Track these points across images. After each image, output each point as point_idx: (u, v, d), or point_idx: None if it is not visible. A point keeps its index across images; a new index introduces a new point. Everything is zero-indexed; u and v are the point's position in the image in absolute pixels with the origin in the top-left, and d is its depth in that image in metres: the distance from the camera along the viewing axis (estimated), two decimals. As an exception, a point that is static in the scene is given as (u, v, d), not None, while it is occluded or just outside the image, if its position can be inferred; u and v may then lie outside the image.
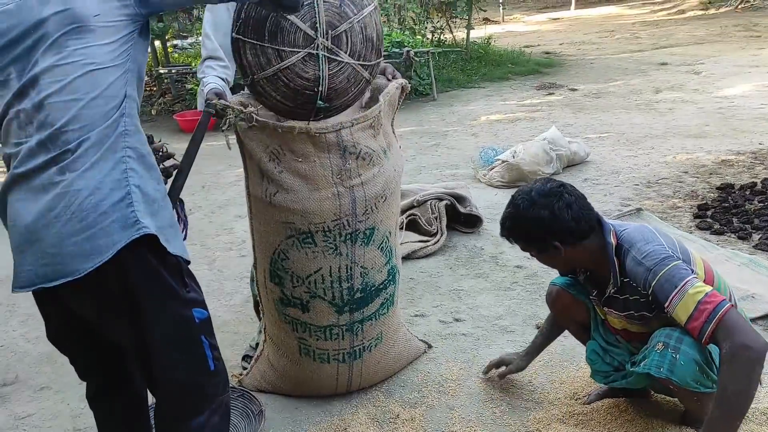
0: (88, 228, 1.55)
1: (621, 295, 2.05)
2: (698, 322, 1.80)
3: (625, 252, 1.99)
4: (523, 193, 2.05)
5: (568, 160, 5.24)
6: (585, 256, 2.04)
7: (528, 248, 2.11)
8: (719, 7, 16.57)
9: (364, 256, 2.36)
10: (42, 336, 3.28)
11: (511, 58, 11.00)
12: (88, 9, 1.59)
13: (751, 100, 7.14)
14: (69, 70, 1.58)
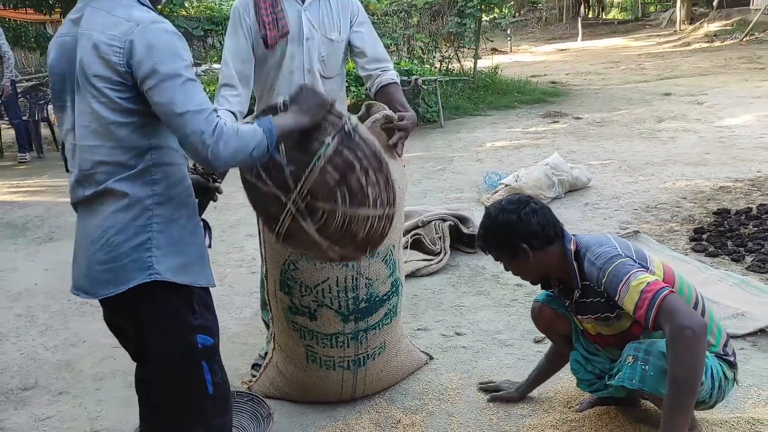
0: (111, 261, 1.72)
1: (586, 299, 2.21)
2: (642, 310, 1.93)
3: (582, 256, 2.16)
4: (494, 204, 2.29)
5: (570, 185, 5.40)
6: (552, 261, 2.20)
7: (500, 256, 2.27)
8: (724, 39, 16.85)
9: (369, 267, 2.50)
10: (60, 345, 3.46)
11: (517, 87, 11.23)
12: (92, 68, 1.66)
13: (751, 130, 7.30)
14: (89, 119, 1.70)
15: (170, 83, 1.60)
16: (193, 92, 1.62)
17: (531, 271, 2.28)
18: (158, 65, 1.60)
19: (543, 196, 5.12)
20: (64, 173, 6.04)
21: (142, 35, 1.61)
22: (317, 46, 2.66)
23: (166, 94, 1.60)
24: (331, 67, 2.73)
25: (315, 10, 2.65)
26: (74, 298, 3.98)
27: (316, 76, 2.68)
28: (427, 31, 10.84)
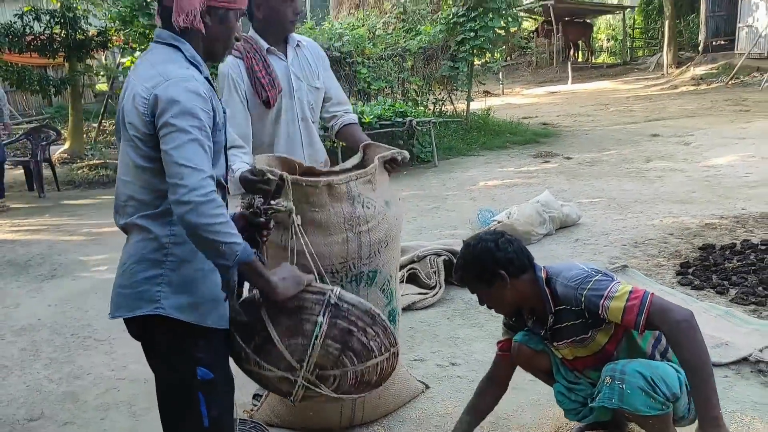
0: (126, 287, 1.85)
1: (561, 324, 2.32)
2: (631, 315, 2.10)
3: (554, 281, 2.29)
4: (472, 238, 2.43)
5: (561, 222, 5.56)
6: (526, 290, 2.32)
7: (479, 285, 2.34)
8: (710, 83, 17.26)
9: (368, 297, 2.61)
10: (65, 377, 3.55)
11: (509, 128, 11.48)
12: (128, 116, 1.79)
13: (736, 170, 7.50)
14: (125, 158, 1.84)
15: (179, 135, 1.69)
16: (199, 152, 1.69)
17: (507, 301, 2.36)
18: (173, 119, 1.70)
19: (535, 232, 5.28)
20: (64, 213, 6.20)
21: (165, 90, 1.72)
22: (305, 96, 2.88)
23: (173, 143, 1.69)
24: (316, 112, 2.96)
25: (297, 64, 2.88)
26: (78, 332, 4.13)
27: (309, 124, 2.91)
28: (421, 75, 11.12)
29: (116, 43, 10.54)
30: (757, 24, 17.95)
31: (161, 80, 1.74)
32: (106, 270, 5.36)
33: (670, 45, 20.37)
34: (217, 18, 1.83)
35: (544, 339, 2.43)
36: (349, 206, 2.50)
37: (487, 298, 2.37)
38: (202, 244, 1.70)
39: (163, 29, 1.85)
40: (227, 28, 1.87)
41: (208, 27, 1.83)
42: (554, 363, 2.53)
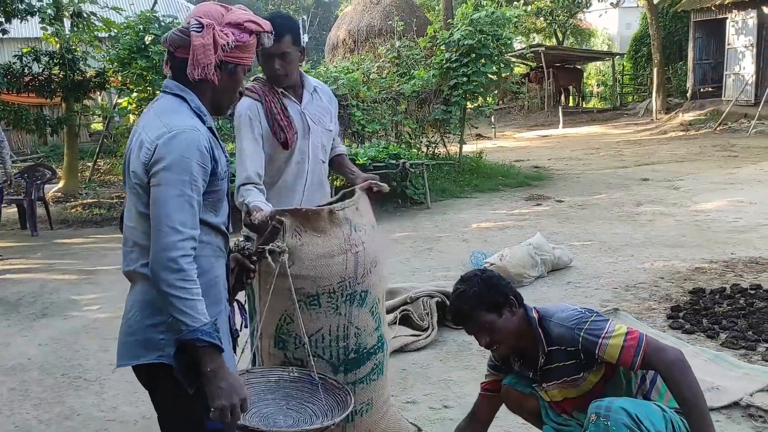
0: (130, 335, 1.85)
1: (552, 364, 2.34)
2: (628, 356, 2.17)
3: (547, 321, 2.32)
4: (465, 275, 2.43)
5: (553, 265, 5.60)
6: (522, 327, 2.34)
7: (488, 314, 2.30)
8: (699, 128, 17.54)
9: (359, 317, 2.68)
10: (54, 418, 3.53)
11: (501, 171, 11.59)
12: (132, 164, 1.83)
13: (725, 214, 7.60)
14: (129, 204, 1.87)
15: (166, 189, 1.72)
16: (183, 209, 1.72)
17: (512, 333, 2.34)
18: (164, 171, 1.73)
19: (527, 275, 5.31)
20: (57, 252, 6.21)
21: (167, 142, 1.76)
22: (319, 138, 2.99)
23: (159, 196, 1.73)
24: (327, 152, 3.08)
25: (312, 108, 2.98)
26: (68, 372, 4.10)
27: (319, 164, 3.03)
28: (414, 118, 11.27)
29: (114, 84, 10.67)
30: (744, 72, 18.35)
31: (165, 131, 1.78)
32: (98, 309, 5.34)
33: (659, 91, 20.75)
34: (227, 72, 1.89)
35: (533, 381, 2.44)
36: (348, 227, 2.65)
37: (492, 330, 2.32)
38: (167, 304, 1.72)
39: (172, 79, 1.90)
40: (235, 82, 1.93)
41: (218, 80, 1.88)
42: (543, 405, 2.54)
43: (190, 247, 1.73)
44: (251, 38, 1.90)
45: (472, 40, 10.43)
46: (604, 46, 38.94)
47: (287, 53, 2.81)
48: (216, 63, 1.84)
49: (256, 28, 1.89)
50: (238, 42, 1.86)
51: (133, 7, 10.86)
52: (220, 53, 1.83)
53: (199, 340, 1.70)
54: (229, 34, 1.85)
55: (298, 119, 2.93)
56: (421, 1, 30.61)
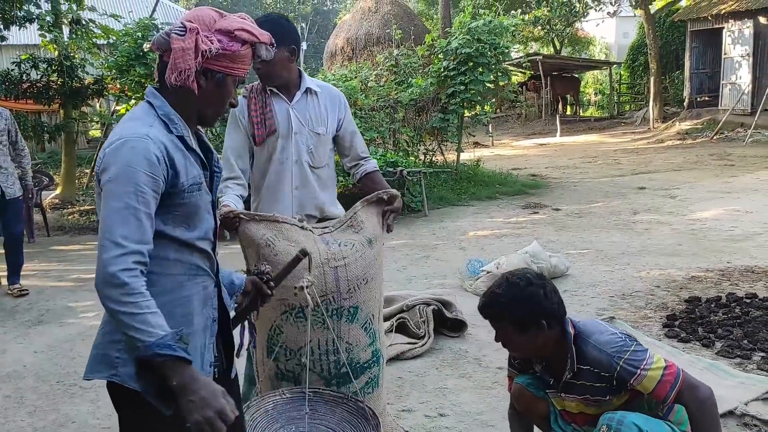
0: (93, 348, 1.77)
1: (577, 381, 2.32)
2: (663, 390, 2.18)
3: (584, 341, 2.28)
4: (517, 275, 2.31)
5: (549, 273, 5.60)
6: (552, 343, 2.30)
7: (511, 327, 2.26)
8: (695, 137, 17.61)
9: (349, 333, 2.67)
10: (49, 425, 3.51)
11: (499, 179, 11.62)
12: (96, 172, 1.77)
13: (722, 223, 7.62)
14: None
15: (110, 201, 1.63)
16: (128, 223, 1.62)
17: (531, 349, 2.32)
18: (111, 182, 1.65)
19: (523, 283, 5.31)
20: (54, 258, 6.14)
21: (113, 151, 1.67)
22: (305, 140, 2.96)
23: (104, 209, 1.64)
24: (319, 158, 3.02)
25: (302, 107, 2.97)
26: (63, 379, 4.09)
27: (305, 167, 2.98)
28: (412, 126, 11.29)
29: (112, 91, 10.68)
30: (740, 81, 18.44)
31: (116, 139, 1.69)
32: (94, 316, 5.33)
33: (656, 100, 20.84)
34: (213, 81, 1.78)
35: (551, 387, 2.41)
36: (323, 244, 2.63)
37: (511, 340, 2.30)
38: (114, 321, 1.62)
39: (153, 84, 1.83)
40: (222, 93, 1.81)
41: (203, 89, 1.78)
42: (553, 412, 2.53)
43: (133, 261, 1.60)
44: (243, 48, 1.77)
45: (470, 49, 10.47)
46: (602, 55, 39.12)
47: None
48: (197, 69, 1.73)
49: (248, 38, 1.77)
50: (226, 50, 1.74)
51: (132, 14, 10.88)
52: (200, 59, 1.72)
53: (158, 355, 1.56)
54: (215, 41, 1.74)
55: (283, 118, 2.93)
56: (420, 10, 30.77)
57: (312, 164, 2.99)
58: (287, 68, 2.90)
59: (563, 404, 2.43)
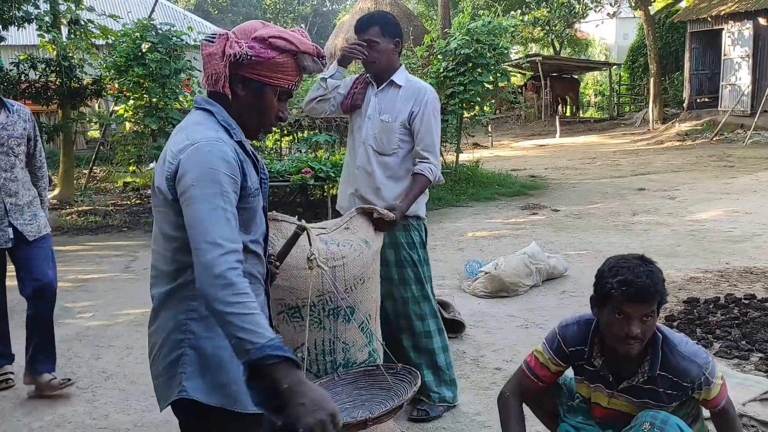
0: (159, 376, 1.78)
1: (646, 385, 2.23)
2: (721, 397, 2.24)
3: (670, 347, 2.21)
4: (642, 257, 2.22)
5: (548, 274, 5.59)
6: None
7: (654, 310, 2.16)
8: (695, 138, 17.61)
9: (346, 332, 2.67)
10: (45, 426, 3.50)
11: (498, 180, 11.61)
12: (157, 180, 1.74)
13: (721, 224, 7.62)
14: (155, 226, 1.79)
15: (200, 205, 1.60)
16: (221, 223, 1.60)
17: (649, 336, 2.20)
18: (194, 186, 1.62)
19: (521, 284, 5.31)
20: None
21: (190, 155, 1.66)
22: (374, 125, 3.20)
23: (194, 214, 1.61)
24: (385, 145, 3.19)
25: (383, 96, 3.22)
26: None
27: (369, 150, 3.20)
28: (411, 127, 11.26)
29: (110, 91, 10.67)
30: (740, 82, 18.45)
31: (188, 145, 1.68)
32: (91, 317, 5.32)
33: (656, 101, 20.83)
34: (251, 90, 1.76)
35: (603, 381, 2.31)
36: (322, 244, 2.65)
37: (651, 324, 2.16)
38: (222, 330, 1.59)
39: (203, 95, 1.85)
40: (262, 103, 1.79)
41: (239, 96, 1.77)
42: (561, 404, 2.48)
43: (235, 260, 1.58)
44: (281, 56, 1.73)
45: (469, 50, 10.46)
46: (602, 56, 39.14)
47: (372, 41, 3.10)
48: (231, 75, 1.74)
49: (285, 46, 1.73)
50: (260, 57, 1.71)
51: (131, 14, 10.90)
52: (228, 64, 1.71)
53: (270, 357, 1.51)
54: (244, 46, 1.71)
55: (366, 102, 3.24)
56: (419, 11, 30.77)
57: (376, 149, 3.21)
58: (390, 59, 3.17)
59: (609, 401, 2.32)
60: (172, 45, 8.99)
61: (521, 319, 4.78)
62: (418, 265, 3.30)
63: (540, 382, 2.40)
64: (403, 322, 3.32)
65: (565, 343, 2.35)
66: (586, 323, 2.34)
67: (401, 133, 3.17)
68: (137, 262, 7.09)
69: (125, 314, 5.30)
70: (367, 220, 2.84)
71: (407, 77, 3.24)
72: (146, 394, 3.68)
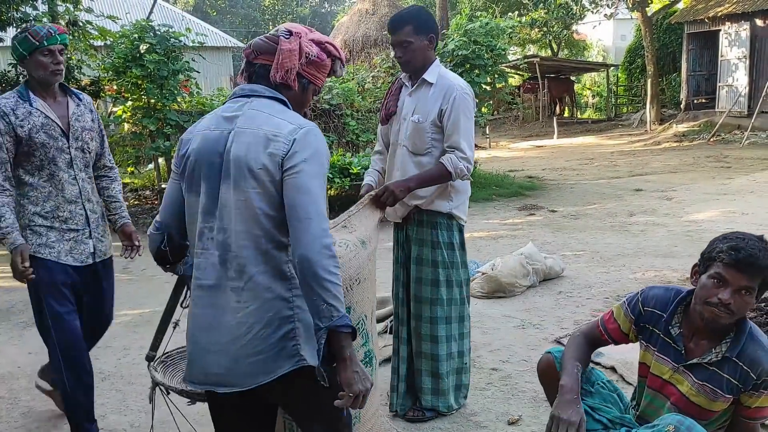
0: (260, 353, 1.85)
1: (710, 367, 2.21)
2: (764, 413, 2.21)
3: (752, 336, 2.19)
4: (761, 237, 2.18)
5: (544, 274, 5.61)
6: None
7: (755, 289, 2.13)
8: (692, 139, 17.63)
9: None
10: (42, 426, 3.50)
11: (495, 181, 11.61)
12: (259, 161, 1.82)
13: (717, 225, 7.63)
14: (242, 206, 1.83)
15: (312, 180, 1.79)
16: (324, 202, 1.81)
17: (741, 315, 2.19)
18: (307, 162, 1.80)
19: (518, 284, 5.32)
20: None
21: (304, 136, 1.84)
22: (407, 126, 3.16)
23: (306, 185, 1.78)
24: (418, 144, 3.16)
25: (416, 95, 3.18)
26: (57, 380, 4.05)
27: (405, 151, 3.18)
28: (408, 128, 11.27)
29: (109, 92, 10.67)
30: (737, 83, 18.48)
31: (295, 128, 1.86)
32: (89, 318, 5.32)
33: (653, 102, 20.86)
34: (301, 85, 2.00)
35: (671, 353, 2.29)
36: None
37: (749, 301, 2.13)
38: (309, 294, 1.75)
39: (256, 84, 1.97)
40: (305, 98, 2.04)
41: (293, 90, 1.99)
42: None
43: (331, 235, 1.78)
44: (327, 60, 2.01)
45: (467, 51, 10.48)
46: (599, 58, 39.17)
47: (406, 41, 3.06)
48: (297, 71, 1.95)
49: (333, 51, 2.02)
50: (318, 59, 1.97)
51: (129, 15, 10.89)
52: (303, 61, 1.94)
53: (347, 326, 1.75)
54: (313, 47, 1.96)
55: (401, 104, 3.22)
56: (417, 12, 30.66)
57: (410, 149, 3.17)
58: (425, 56, 3.12)
59: (670, 375, 2.30)
60: (170, 46, 8.99)
61: (518, 319, 4.79)
62: (440, 266, 3.20)
63: (606, 335, 2.44)
64: (413, 322, 3.29)
65: (644, 301, 2.36)
66: (675, 292, 2.34)
67: (433, 132, 3.12)
68: (135, 263, 7.05)
69: (123, 315, 5.30)
70: (367, 215, 2.84)
71: (440, 73, 3.16)
72: (143, 395, 3.68)
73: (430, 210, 3.19)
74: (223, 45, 26.46)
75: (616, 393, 2.46)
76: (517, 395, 3.56)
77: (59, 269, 2.98)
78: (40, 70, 2.92)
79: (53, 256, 2.98)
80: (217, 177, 1.86)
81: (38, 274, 2.93)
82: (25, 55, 2.91)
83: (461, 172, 3.09)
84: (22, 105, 2.94)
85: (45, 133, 2.94)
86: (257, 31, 41.82)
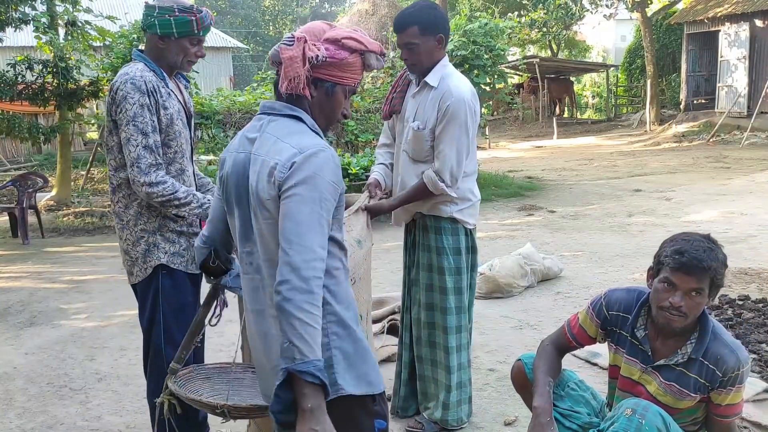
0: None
1: (677, 368, 2.21)
2: (732, 411, 2.22)
3: (716, 334, 2.18)
4: (709, 237, 2.20)
5: (543, 275, 5.60)
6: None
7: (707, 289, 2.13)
8: (692, 140, 17.64)
9: None
10: (37, 427, 3.50)
11: (495, 181, 11.61)
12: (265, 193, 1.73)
13: (716, 225, 7.61)
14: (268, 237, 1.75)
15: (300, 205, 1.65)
16: (315, 229, 1.64)
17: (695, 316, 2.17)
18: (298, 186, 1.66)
19: (516, 285, 5.31)
20: (47, 260, 6.03)
21: (304, 161, 1.68)
22: (408, 130, 3.06)
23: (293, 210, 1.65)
24: (417, 151, 3.05)
25: (418, 98, 3.05)
26: (53, 381, 4.07)
27: (405, 156, 3.10)
28: (408, 128, 11.26)
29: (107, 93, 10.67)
30: (736, 84, 18.48)
31: (296, 153, 1.70)
32: (86, 318, 5.32)
33: (653, 103, 20.87)
34: (323, 91, 1.82)
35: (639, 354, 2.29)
36: None
37: (700, 302, 2.12)
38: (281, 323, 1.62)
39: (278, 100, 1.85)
40: (332, 103, 1.85)
41: (312, 98, 1.82)
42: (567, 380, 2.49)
43: (321, 269, 1.64)
44: (351, 56, 1.81)
45: (466, 51, 10.47)
46: (599, 58, 39.18)
47: (412, 43, 2.92)
48: (307, 77, 1.78)
49: (356, 46, 1.80)
50: (333, 58, 1.78)
51: (128, 16, 10.88)
52: (308, 67, 1.76)
53: (312, 374, 1.57)
54: (321, 48, 1.77)
55: (404, 105, 3.11)
56: (417, 12, 30.65)
57: (411, 155, 3.08)
58: (433, 57, 2.97)
59: (639, 376, 2.30)
60: (169, 46, 8.98)
61: (515, 320, 4.78)
62: (445, 272, 3.09)
63: (575, 341, 2.44)
64: (415, 328, 3.23)
65: (608, 305, 2.35)
66: (637, 294, 2.33)
67: (431, 140, 2.99)
68: (133, 263, 7.08)
69: (120, 315, 5.30)
70: (360, 219, 2.82)
71: (443, 76, 2.97)
72: (139, 396, 3.67)
73: (433, 215, 3.09)
74: (222, 45, 26.49)
75: (589, 392, 2.49)
76: (514, 396, 3.52)
77: (188, 287, 2.69)
78: (180, 54, 2.57)
79: (182, 265, 2.65)
80: (246, 203, 1.81)
81: (165, 292, 2.61)
82: (176, 35, 2.54)
83: (442, 191, 2.97)
84: (162, 85, 2.56)
85: (180, 120, 2.62)
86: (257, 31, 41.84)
